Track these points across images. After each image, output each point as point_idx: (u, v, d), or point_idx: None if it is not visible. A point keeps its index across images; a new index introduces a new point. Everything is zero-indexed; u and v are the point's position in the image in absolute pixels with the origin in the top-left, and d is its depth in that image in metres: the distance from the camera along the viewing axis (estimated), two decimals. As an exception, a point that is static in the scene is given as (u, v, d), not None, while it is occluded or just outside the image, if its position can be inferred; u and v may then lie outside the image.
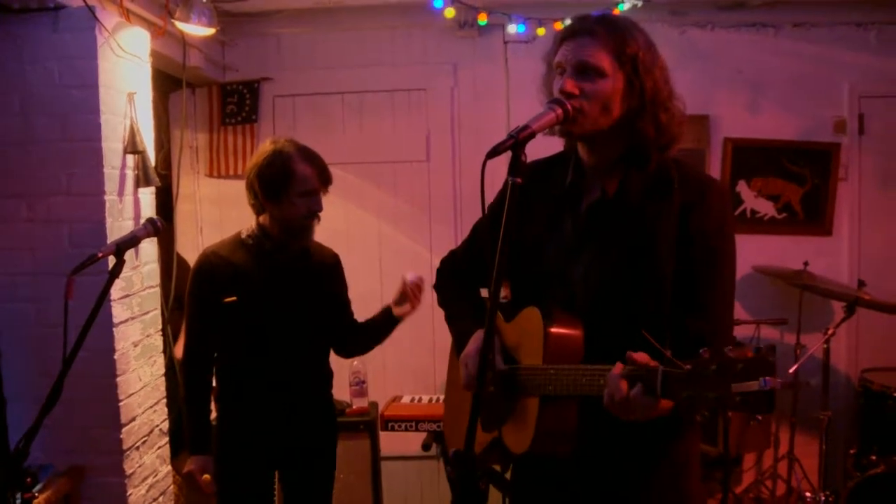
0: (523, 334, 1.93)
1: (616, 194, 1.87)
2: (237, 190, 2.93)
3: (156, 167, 3.55)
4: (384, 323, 3.08)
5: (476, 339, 1.99)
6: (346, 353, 3.24)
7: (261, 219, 2.90)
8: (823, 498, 4.16)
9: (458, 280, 2.27)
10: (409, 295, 2.99)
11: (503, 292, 1.73)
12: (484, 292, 2.23)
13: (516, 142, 1.62)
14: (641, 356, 1.56)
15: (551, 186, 1.98)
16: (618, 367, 1.58)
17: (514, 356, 1.96)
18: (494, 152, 1.61)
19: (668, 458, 1.89)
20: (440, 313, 3.10)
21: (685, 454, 1.92)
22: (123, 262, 2.42)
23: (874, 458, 3.84)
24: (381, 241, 4.85)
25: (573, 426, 1.81)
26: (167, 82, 4.51)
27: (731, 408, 1.39)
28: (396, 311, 3.05)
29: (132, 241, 2.51)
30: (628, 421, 1.61)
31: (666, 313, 1.78)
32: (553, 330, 1.81)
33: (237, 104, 4.78)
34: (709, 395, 1.39)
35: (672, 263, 1.78)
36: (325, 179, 2.87)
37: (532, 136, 1.67)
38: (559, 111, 1.73)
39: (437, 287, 2.34)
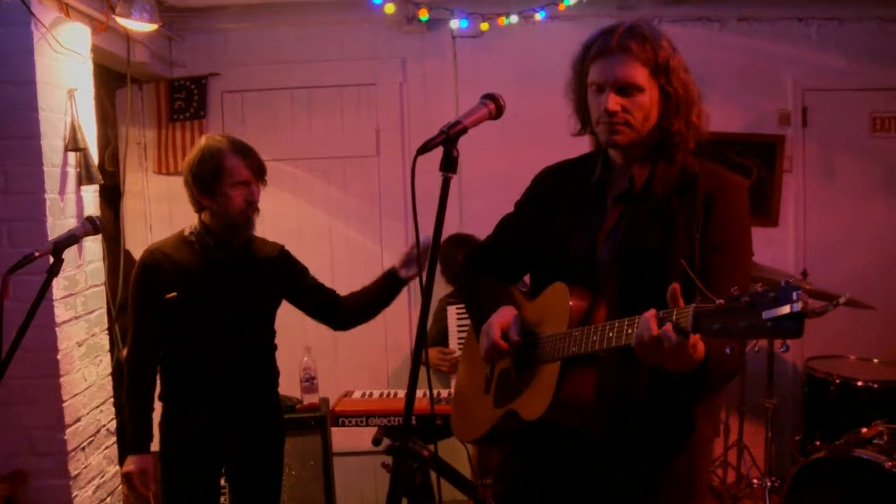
0: (547, 309, 1.96)
1: (644, 186, 1.93)
2: (186, 187, 2.90)
3: (102, 164, 3.50)
4: (390, 287, 3.00)
5: (499, 313, 1.99)
6: (343, 324, 3.10)
7: (202, 216, 2.88)
8: (770, 483, 4.25)
9: (487, 272, 2.24)
10: (420, 257, 2.80)
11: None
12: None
13: (447, 137, 1.65)
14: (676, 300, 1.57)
15: (579, 182, 2.04)
16: (650, 312, 1.60)
17: (535, 331, 1.98)
18: (425, 148, 1.63)
19: (690, 438, 1.92)
20: (391, 309, 3.11)
21: (702, 438, 1.95)
22: (62, 261, 2.41)
23: (818, 443, 3.92)
24: (332, 237, 4.83)
25: (590, 398, 1.84)
26: (113, 78, 4.45)
27: (762, 334, 1.39)
28: (404, 273, 2.98)
29: (70, 240, 2.49)
30: (654, 370, 1.62)
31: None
32: (577, 302, 1.85)
33: (185, 100, 4.72)
34: (740, 325, 1.41)
35: (695, 253, 1.82)
36: (257, 170, 2.84)
37: (464, 131, 1.70)
38: (491, 106, 1.79)
39: (460, 278, 2.35)
